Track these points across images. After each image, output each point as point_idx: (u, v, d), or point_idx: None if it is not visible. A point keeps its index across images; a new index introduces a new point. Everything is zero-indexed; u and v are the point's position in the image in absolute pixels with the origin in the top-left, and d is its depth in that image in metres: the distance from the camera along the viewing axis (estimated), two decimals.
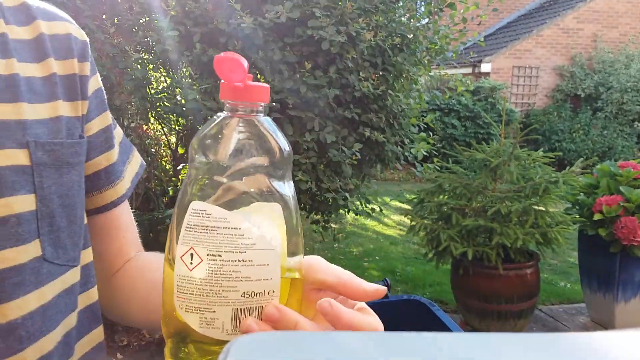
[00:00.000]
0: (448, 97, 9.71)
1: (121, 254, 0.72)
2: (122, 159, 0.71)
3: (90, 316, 0.64)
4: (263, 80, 3.05)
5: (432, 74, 4.24)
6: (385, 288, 0.51)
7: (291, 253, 0.48)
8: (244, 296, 0.45)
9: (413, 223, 3.55)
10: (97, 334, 0.66)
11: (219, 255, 0.44)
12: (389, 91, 3.14)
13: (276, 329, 0.44)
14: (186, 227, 0.45)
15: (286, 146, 0.48)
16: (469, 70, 11.80)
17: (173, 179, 3.57)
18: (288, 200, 0.47)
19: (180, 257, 0.45)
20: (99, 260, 0.67)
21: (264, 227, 0.46)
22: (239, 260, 0.44)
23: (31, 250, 0.54)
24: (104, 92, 0.69)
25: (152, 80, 3.12)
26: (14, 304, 0.52)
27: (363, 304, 0.51)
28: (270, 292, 0.46)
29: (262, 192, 0.46)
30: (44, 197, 0.55)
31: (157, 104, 2.95)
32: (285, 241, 0.47)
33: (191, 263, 0.45)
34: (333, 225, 4.90)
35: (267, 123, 0.48)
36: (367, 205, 3.61)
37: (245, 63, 0.46)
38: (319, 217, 3.56)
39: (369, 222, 6.09)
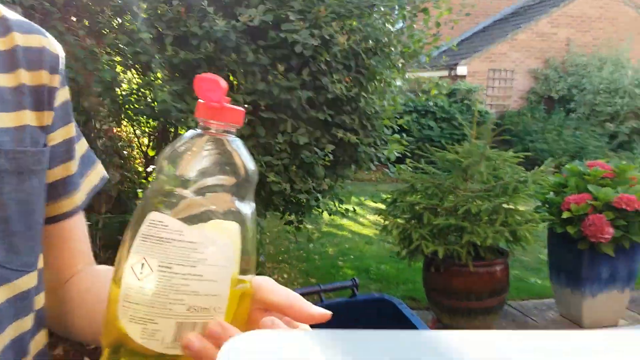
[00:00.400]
0: (425, 99, 9.81)
1: (70, 265, 0.72)
2: (80, 172, 0.71)
3: (36, 320, 0.64)
4: (235, 83, 3.06)
5: (407, 76, 4.30)
6: (330, 313, 0.52)
7: (243, 271, 0.49)
8: (189, 310, 0.45)
9: (386, 222, 3.60)
10: (40, 339, 0.66)
11: (169, 268, 0.45)
12: (362, 93, 3.18)
13: (217, 346, 0.44)
14: (141, 237, 0.46)
15: (252, 167, 0.49)
16: (445, 73, 11.93)
17: (143, 181, 3.57)
18: (247, 219, 0.49)
19: (131, 267, 0.46)
20: (47, 269, 0.66)
21: (219, 244, 0.46)
22: (189, 274, 0.45)
23: None
24: (71, 105, 0.70)
25: (124, 81, 3.12)
26: None
27: (307, 327, 0.51)
28: (217, 308, 0.46)
29: (223, 210, 0.47)
30: (2, 202, 0.56)
31: (127, 105, 2.95)
32: (238, 259, 0.48)
33: (141, 273, 0.45)
34: (309, 226, 4.93)
35: (236, 144, 0.49)
36: (341, 205, 3.65)
37: (224, 84, 0.48)
38: (292, 217, 3.58)
39: (345, 222, 6.13)
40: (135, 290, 0.45)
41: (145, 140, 3.80)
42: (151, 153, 3.71)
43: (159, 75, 3.08)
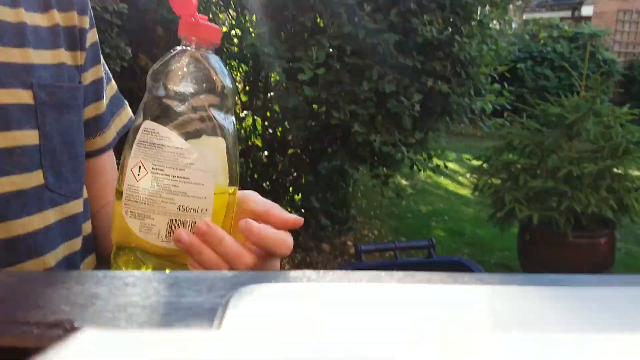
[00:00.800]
0: (542, 44, 9.05)
1: (102, 196, 0.79)
2: (110, 111, 0.77)
3: (84, 243, 0.72)
4: (321, 24, 2.91)
5: (520, 17, 3.90)
6: (302, 219, 0.58)
7: (228, 180, 0.55)
8: (179, 209, 0.52)
9: (480, 182, 3.36)
10: (91, 261, 0.75)
11: (161, 170, 0.51)
12: (456, 37, 2.91)
13: (204, 242, 0.52)
14: (137, 143, 0.52)
15: (229, 84, 0.54)
16: (567, 13, 10.90)
17: (238, 126, 3.58)
18: (228, 134, 0.54)
19: (131, 169, 0.53)
20: None
21: (206, 153, 0.52)
22: (177, 176, 0.51)
23: (34, 178, 0.62)
24: (99, 46, 0.76)
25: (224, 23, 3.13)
26: (19, 222, 0.61)
27: (286, 232, 0.58)
28: (204, 209, 0.53)
29: (207, 125, 0.53)
30: (46, 133, 0.63)
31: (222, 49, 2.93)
32: (225, 170, 0.54)
33: (138, 174, 0.52)
34: (404, 182, 4.73)
35: (214, 59, 0.54)
36: (431, 161, 3.44)
37: (194, 0, 0.52)
38: (379, 171, 3.43)
39: (442, 180, 5.87)
40: (134, 190, 0.52)
41: (239, 86, 3.81)
42: (243, 98, 3.70)
43: (254, 18, 3.03)
